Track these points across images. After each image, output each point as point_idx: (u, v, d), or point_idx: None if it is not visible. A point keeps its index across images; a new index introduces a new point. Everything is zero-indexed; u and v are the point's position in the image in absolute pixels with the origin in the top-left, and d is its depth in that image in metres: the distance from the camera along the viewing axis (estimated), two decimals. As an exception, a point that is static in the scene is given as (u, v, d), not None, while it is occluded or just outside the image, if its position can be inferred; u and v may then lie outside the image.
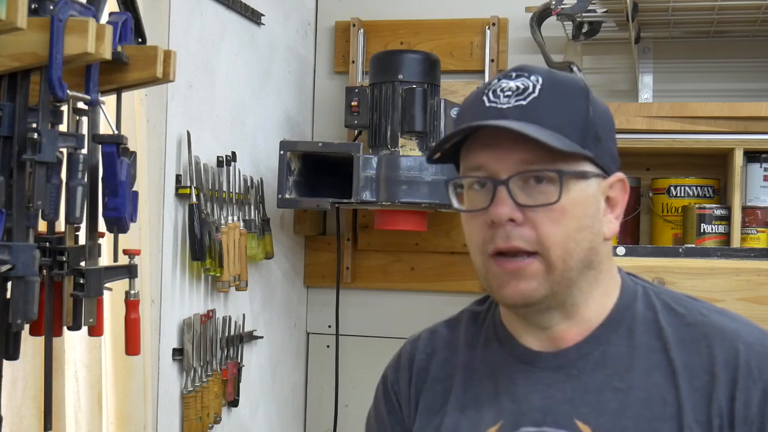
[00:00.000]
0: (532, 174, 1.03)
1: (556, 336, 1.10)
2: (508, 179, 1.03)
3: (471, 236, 1.08)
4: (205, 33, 2.31)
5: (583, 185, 1.05)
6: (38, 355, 1.55)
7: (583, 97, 1.07)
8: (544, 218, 1.03)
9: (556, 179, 1.02)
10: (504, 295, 1.06)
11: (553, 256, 1.03)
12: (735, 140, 2.33)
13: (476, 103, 1.09)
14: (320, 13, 3.03)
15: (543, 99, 1.04)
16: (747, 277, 2.07)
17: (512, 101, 1.05)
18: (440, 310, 2.88)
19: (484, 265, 1.06)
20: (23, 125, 1.31)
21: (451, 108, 2.61)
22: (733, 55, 2.68)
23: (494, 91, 1.07)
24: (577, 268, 1.05)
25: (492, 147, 1.05)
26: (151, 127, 2.07)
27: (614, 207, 1.10)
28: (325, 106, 2.99)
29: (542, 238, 1.03)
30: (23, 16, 1.18)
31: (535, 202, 1.03)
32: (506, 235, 1.03)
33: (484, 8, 2.86)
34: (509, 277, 1.04)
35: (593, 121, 1.06)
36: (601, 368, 1.07)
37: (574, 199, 1.04)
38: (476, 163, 1.06)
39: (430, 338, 1.25)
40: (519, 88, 1.05)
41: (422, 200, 2.48)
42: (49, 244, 1.40)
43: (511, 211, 1.02)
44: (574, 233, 1.04)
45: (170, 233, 2.16)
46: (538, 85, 1.05)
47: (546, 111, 1.04)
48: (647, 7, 2.41)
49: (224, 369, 2.37)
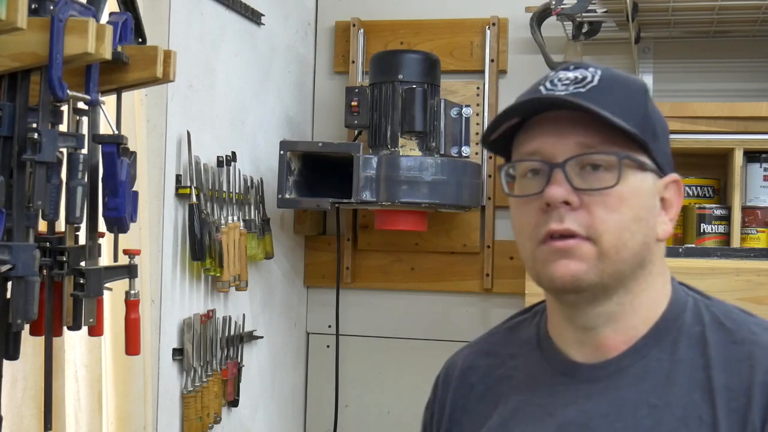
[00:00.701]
0: (590, 158, 1.01)
1: (600, 342, 1.06)
2: (564, 162, 1.01)
3: (521, 223, 1.05)
4: (205, 33, 2.31)
5: (641, 176, 1.02)
6: (38, 355, 1.55)
7: (643, 93, 1.05)
8: (600, 204, 1.00)
9: (615, 164, 1.00)
10: (553, 276, 1.01)
11: (606, 244, 1.00)
12: (735, 140, 2.33)
13: (532, 92, 1.06)
14: (320, 13, 3.03)
15: (602, 89, 1.02)
16: (747, 277, 2.07)
17: (570, 88, 1.02)
18: (440, 310, 2.91)
19: (533, 252, 1.03)
20: (23, 125, 1.31)
21: (451, 108, 2.61)
22: (733, 55, 2.68)
23: (551, 80, 1.05)
24: (630, 262, 1.02)
25: (548, 131, 1.03)
26: (151, 127, 2.07)
27: (668, 209, 1.07)
28: (325, 106, 2.99)
29: (597, 223, 1.00)
30: (23, 16, 1.18)
31: (592, 185, 1.00)
32: (560, 218, 1.00)
33: (484, 8, 2.86)
34: (560, 255, 1.00)
35: (651, 118, 1.04)
36: (639, 383, 1.03)
37: (632, 187, 1.01)
38: (531, 148, 1.04)
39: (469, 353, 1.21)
40: (577, 78, 1.03)
41: (422, 200, 2.48)
42: (49, 244, 1.40)
43: (566, 194, 1.00)
44: (630, 223, 1.01)
45: (170, 233, 2.16)
46: (597, 75, 1.03)
47: (605, 99, 1.01)
48: (647, 7, 2.41)
49: (224, 369, 2.37)
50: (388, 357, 2.92)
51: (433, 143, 2.57)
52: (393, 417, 2.93)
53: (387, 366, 2.93)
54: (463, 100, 2.78)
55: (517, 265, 2.67)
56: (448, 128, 2.60)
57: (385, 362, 2.93)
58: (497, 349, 1.18)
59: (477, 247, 2.84)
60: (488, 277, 2.82)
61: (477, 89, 2.83)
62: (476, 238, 2.84)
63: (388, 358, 2.92)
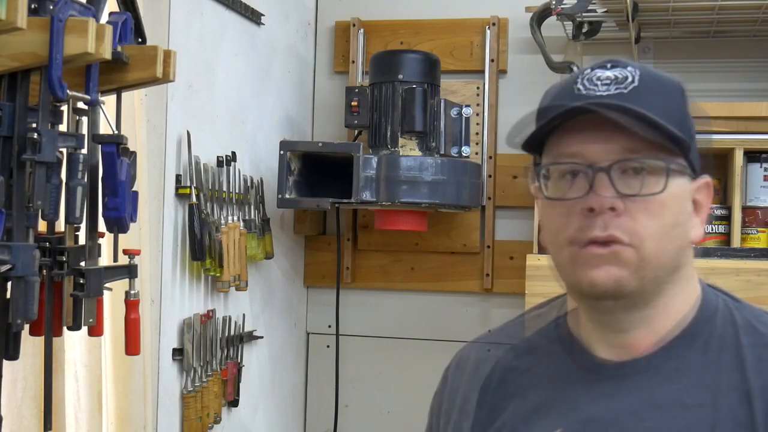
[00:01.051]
0: (634, 163, 0.98)
1: (630, 342, 1.04)
2: (610, 166, 0.98)
3: (558, 228, 1.02)
4: (205, 33, 2.31)
5: (681, 181, 1.01)
6: (38, 355, 1.55)
7: (681, 93, 1.04)
8: (642, 210, 0.98)
9: (661, 170, 0.98)
10: (595, 280, 0.99)
11: (648, 251, 0.98)
12: (735, 140, 2.33)
13: (567, 91, 1.03)
14: (320, 13, 3.03)
15: (643, 89, 1.00)
16: (747, 277, 2.07)
17: (612, 89, 1.00)
18: (440, 310, 2.91)
19: (572, 256, 1.00)
20: (23, 125, 1.31)
21: (451, 108, 2.61)
22: (733, 55, 2.68)
23: (590, 79, 1.02)
24: (669, 267, 1.01)
25: (590, 134, 1.00)
26: (151, 127, 2.07)
27: (700, 210, 1.06)
28: (325, 106, 2.99)
29: (639, 230, 0.98)
30: (23, 16, 1.18)
31: (638, 191, 0.98)
32: (604, 225, 0.98)
33: (484, 8, 2.86)
34: (602, 261, 0.98)
35: (689, 119, 1.03)
36: (670, 382, 1.02)
37: (674, 193, 1.00)
38: (571, 150, 1.01)
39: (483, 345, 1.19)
40: (617, 78, 1.01)
41: (422, 200, 2.48)
42: (49, 244, 1.40)
43: (612, 200, 0.98)
44: (669, 229, 1.00)
45: (170, 233, 2.16)
46: (636, 75, 1.01)
47: (648, 100, 0.98)
48: (647, 7, 2.41)
49: (224, 369, 2.37)
50: (388, 357, 2.92)
51: (433, 143, 2.57)
52: (393, 417, 2.93)
53: (387, 366, 2.93)
54: (463, 100, 2.78)
55: (517, 265, 2.67)
56: (448, 128, 2.60)
57: (385, 362, 2.93)
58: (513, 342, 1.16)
59: (477, 247, 2.84)
60: (488, 277, 2.82)
61: (477, 89, 2.83)
62: (476, 238, 2.84)
63: (388, 358, 2.92)
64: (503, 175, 2.82)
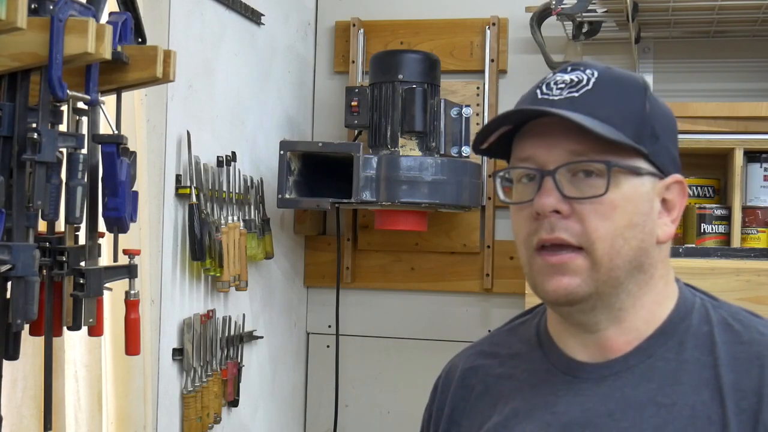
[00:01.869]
0: (580, 166, 1.00)
1: (603, 343, 1.06)
2: (555, 170, 1.00)
3: (517, 230, 1.05)
4: (205, 33, 2.31)
5: (636, 182, 1.01)
6: (38, 355, 1.55)
7: (640, 93, 1.04)
8: (592, 212, 1.00)
9: (605, 171, 0.99)
10: (547, 290, 1.02)
11: (599, 252, 0.99)
12: (735, 140, 2.33)
13: (529, 96, 1.06)
14: (320, 13, 3.03)
15: (596, 92, 1.02)
16: (747, 277, 2.07)
17: (564, 93, 1.02)
18: (440, 310, 2.91)
19: (529, 260, 1.03)
20: (23, 125, 1.31)
21: (451, 108, 2.61)
22: (733, 55, 2.68)
23: (548, 84, 1.05)
24: (625, 268, 1.01)
25: (541, 138, 1.02)
26: (151, 127, 2.07)
27: (671, 210, 1.06)
28: (325, 106, 2.99)
29: (588, 231, 0.99)
30: (23, 16, 1.18)
31: (582, 194, 1.00)
32: (551, 227, 1.00)
33: (484, 8, 2.86)
34: (553, 270, 1.00)
35: (650, 118, 1.03)
36: (645, 382, 1.03)
37: (626, 194, 1.00)
38: (524, 154, 1.04)
39: (470, 354, 1.21)
40: (573, 81, 1.03)
41: (422, 200, 2.48)
42: (49, 244, 1.40)
43: (556, 202, 1.00)
44: (623, 230, 1.00)
45: (170, 233, 2.16)
46: (593, 78, 1.03)
47: (598, 103, 1.01)
48: (647, 7, 2.41)
49: (224, 369, 2.37)
50: (388, 357, 2.92)
51: (433, 143, 2.56)
52: (393, 417, 2.93)
53: (387, 366, 2.93)
54: (463, 100, 2.78)
55: (517, 265, 2.65)
56: (448, 128, 2.60)
57: (384, 362, 2.93)
58: (498, 350, 1.18)
59: (477, 247, 2.84)
60: (488, 277, 2.82)
61: (477, 89, 2.83)
62: (476, 238, 2.84)
63: (388, 358, 2.92)
64: (503, 175, 2.81)
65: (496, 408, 1.11)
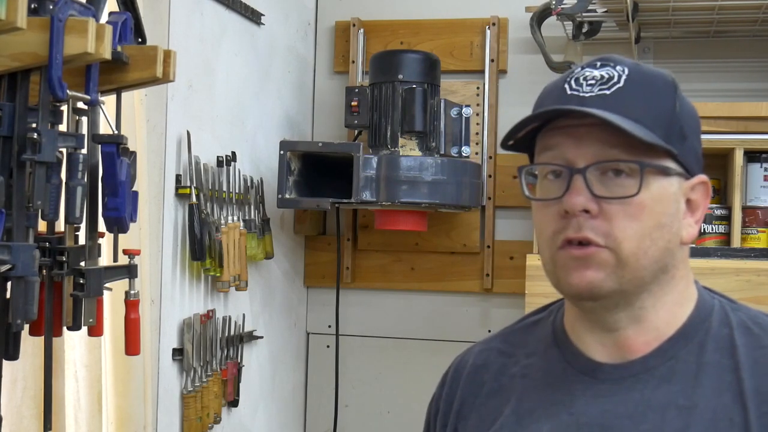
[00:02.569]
0: (612, 165, 0.98)
1: (622, 343, 1.04)
2: (585, 168, 0.98)
3: (541, 228, 1.03)
4: (205, 33, 2.31)
5: (665, 182, 1.00)
6: (38, 355, 1.55)
7: (671, 92, 1.02)
8: (621, 212, 0.98)
9: (637, 172, 0.97)
10: (570, 283, 1.00)
11: (626, 252, 0.98)
12: (735, 140, 2.33)
13: (557, 90, 1.03)
14: (320, 13, 3.03)
15: (628, 90, 0.99)
16: (747, 277, 2.07)
17: (595, 90, 1.00)
18: (440, 310, 2.91)
19: (552, 256, 1.01)
20: (23, 125, 1.31)
21: (451, 108, 2.61)
22: (733, 55, 2.68)
23: (576, 79, 1.02)
24: (651, 269, 1.00)
25: (571, 135, 1.00)
26: (151, 127, 2.07)
27: (695, 210, 1.04)
28: (325, 106, 2.99)
29: (616, 231, 0.98)
30: (23, 16, 1.18)
31: (613, 194, 0.98)
32: (578, 226, 0.98)
33: (484, 8, 2.86)
34: (577, 263, 0.99)
35: (679, 117, 1.01)
36: (666, 384, 1.01)
37: (655, 195, 0.99)
38: (552, 151, 1.02)
39: (482, 350, 1.19)
40: (603, 77, 1.01)
41: (422, 200, 2.48)
42: (49, 244, 1.40)
43: (585, 202, 0.98)
44: (651, 231, 0.99)
45: (170, 233, 2.16)
46: (624, 75, 1.01)
47: (630, 102, 0.99)
48: (647, 7, 2.41)
49: (224, 369, 2.37)
50: (388, 357, 2.92)
51: (433, 143, 2.57)
52: (393, 417, 2.93)
53: (387, 366, 2.93)
54: (463, 100, 2.78)
55: (517, 265, 2.67)
56: (448, 128, 2.60)
57: (384, 362, 2.93)
58: (511, 348, 1.16)
59: (477, 247, 2.84)
60: (488, 277, 2.82)
61: (477, 89, 2.83)
62: (476, 238, 2.84)
63: (388, 358, 2.92)
64: (503, 175, 2.82)
65: (509, 406, 1.10)
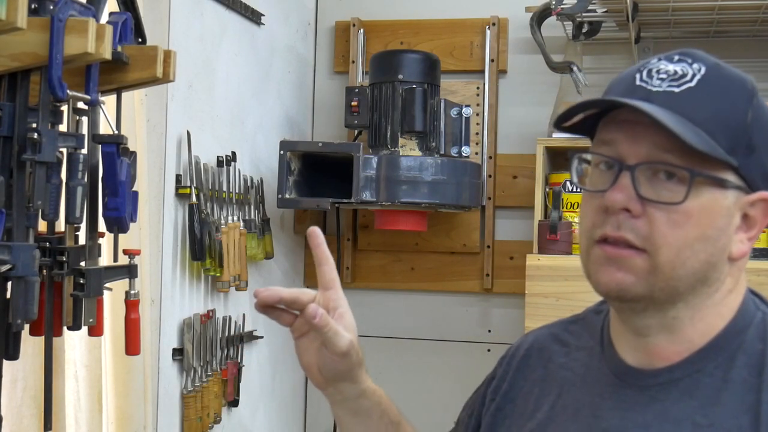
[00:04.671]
0: (663, 166, 0.93)
1: (652, 349, 1.00)
2: (635, 165, 0.93)
3: (582, 218, 1.00)
4: (205, 33, 2.31)
5: (718, 194, 0.94)
6: (38, 355, 1.55)
7: (746, 99, 0.96)
8: (664, 217, 0.93)
9: (686, 179, 0.92)
10: (599, 281, 0.97)
11: (662, 259, 0.93)
12: (735, 140, 2.33)
13: (627, 79, 0.99)
14: (320, 13, 3.03)
15: (699, 90, 0.94)
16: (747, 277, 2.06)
17: (664, 85, 0.95)
18: (440, 310, 2.90)
19: (587, 249, 0.98)
20: (23, 125, 1.31)
21: (451, 108, 2.61)
22: (733, 55, 2.68)
23: (649, 70, 0.97)
24: (687, 281, 0.95)
25: (627, 130, 0.95)
26: (151, 127, 2.07)
27: (751, 227, 0.99)
28: (325, 106, 2.99)
29: (655, 237, 0.93)
30: (23, 16, 1.18)
31: (658, 197, 0.93)
32: (617, 224, 0.94)
33: (484, 8, 2.86)
34: (608, 262, 0.95)
35: (750, 128, 0.95)
36: (687, 398, 0.97)
37: (704, 205, 0.93)
38: (607, 141, 0.97)
39: (542, 333, 1.17)
40: (676, 73, 0.96)
41: (422, 200, 2.48)
42: (49, 244, 1.40)
43: (627, 201, 0.93)
44: (693, 241, 0.94)
45: (170, 233, 2.16)
46: (699, 74, 0.96)
47: (698, 104, 0.93)
48: (647, 7, 2.41)
49: (224, 369, 2.37)
50: (388, 357, 2.92)
51: (433, 143, 2.57)
52: (393, 417, 2.92)
53: (387, 366, 2.92)
54: (463, 100, 2.78)
55: (517, 265, 2.67)
56: (448, 128, 2.60)
57: (384, 362, 2.92)
58: (569, 338, 1.13)
59: (477, 247, 2.84)
60: (488, 277, 2.82)
61: (477, 89, 2.83)
62: (476, 238, 2.84)
63: (388, 358, 2.92)
64: (503, 175, 2.82)
65: (550, 398, 1.08)
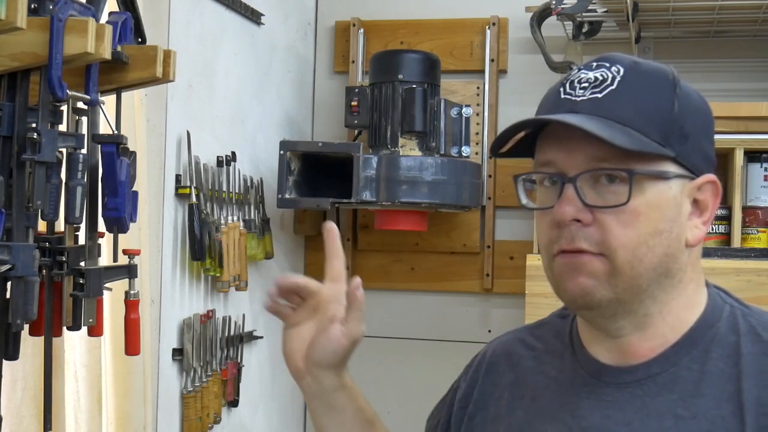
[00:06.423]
0: (602, 172, 0.95)
1: (626, 348, 1.02)
2: (575, 177, 0.96)
3: (539, 235, 1.02)
4: (205, 33, 2.31)
5: (662, 186, 0.96)
6: (38, 355, 1.55)
7: (669, 90, 0.98)
8: (614, 220, 0.95)
9: (627, 178, 0.94)
10: (565, 289, 0.98)
11: (620, 260, 0.95)
12: (735, 140, 2.33)
13: (553, 95, 1.01)
14: (320, 13, 3.03)
15: (620, 92, 0.96)
16: (747, 277, 2.07)
17: (587, 94, 0.97)
18: (440, 310, 2.90)
19: (549, 264, 1.00)
20: (23, 125, 1.31)
21: (451, 108, 2.61)
22: (733, 55, 2.68)
23: (572, 82, 1.00)
24: (648, 276, 0.97)
25: (562, 142, 0.97)
26: (151, 127, 2.07)
27: (702, 211, 1.00)
28: (325, 106, 2.99)
29: (610, 240, 0.95)
30: (23, 16, 1.18)
31: (605, 202, 0.95)
32: (571, 236, 0.96)
33: (484, 8, 2.86)
34: (570, 270, 0.97)
35: (679, 117, 0.97)
36: (666, 392, 0.98)
37: (650, 201, 0.96)
38: (546, 159, 0.99)
39: (508, 339, 1.18)
40: (597, 80, 0.98)
41: (422, 200, 2.48)
42: (48, 244, 1.40)
43: (576, 212, 0.95)
44: (647, 237, 0.95)
45: (170, 233, 2.16)
46: (618, 76, 0.97)
47: (622, 105, 0.96)
48: (647, 7, 2.41)
49: (224, 369, 2.37)
50: (388, 357, 2.92)
51: (433, 143, 2.57)
52: (393, 417, 2.90)
53: (387, 366, 2.92)
54: (463, 100, 2.78)
55: (517, 265, 2.67)
56: (448, 128, 2.60)
57: (384, 362, 2.92)
58: (536, 342, 1.14)
59: (477, 247, 2.84)
60: (488, 277, 2.82)
61: (477, 89, 2.83)
62: (476, 238, 2.84)
63: (388, 358, 2.92)
64: (503, 175, 2.82)
65: (523, 402, 1.09)
